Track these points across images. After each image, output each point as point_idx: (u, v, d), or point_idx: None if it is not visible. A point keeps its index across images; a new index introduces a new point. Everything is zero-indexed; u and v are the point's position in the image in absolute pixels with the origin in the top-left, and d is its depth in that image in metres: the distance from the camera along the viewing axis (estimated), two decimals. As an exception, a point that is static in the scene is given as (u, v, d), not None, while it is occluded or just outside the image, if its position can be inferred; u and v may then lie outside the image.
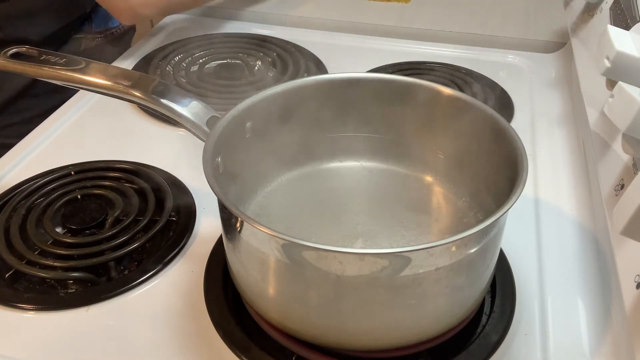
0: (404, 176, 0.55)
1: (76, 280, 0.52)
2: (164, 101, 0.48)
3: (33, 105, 0.89)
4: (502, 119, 0.47)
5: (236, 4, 0.98)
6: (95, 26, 0.95)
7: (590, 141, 0.58)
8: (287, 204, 0.53)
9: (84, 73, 0.49)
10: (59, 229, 0.56)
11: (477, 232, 0.38)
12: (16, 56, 0.51)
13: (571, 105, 0.75)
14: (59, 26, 0.89)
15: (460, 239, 0.38)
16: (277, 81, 0.77)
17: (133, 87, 0.48)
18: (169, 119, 0.49)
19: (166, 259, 0.53)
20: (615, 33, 0.46)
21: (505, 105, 0.74)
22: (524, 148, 0.44)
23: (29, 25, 0.86)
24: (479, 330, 0.47)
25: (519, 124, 0.71)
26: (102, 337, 0.47)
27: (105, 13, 0.94)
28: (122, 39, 1.02)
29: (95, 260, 0.52)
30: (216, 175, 0.43)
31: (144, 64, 0.82)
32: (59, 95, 0.79)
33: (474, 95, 0.74)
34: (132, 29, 1.06)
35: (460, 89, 0.74)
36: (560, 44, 0.87)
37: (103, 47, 0.97)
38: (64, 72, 0.49)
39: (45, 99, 0.88)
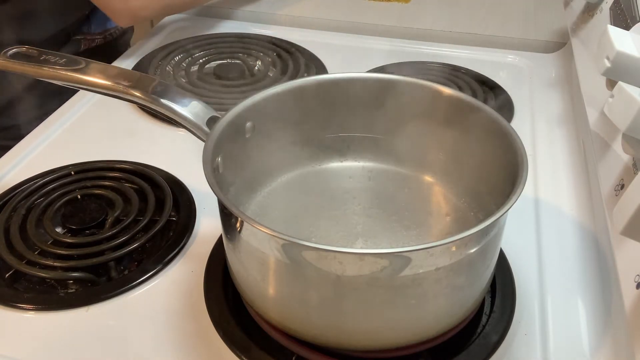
0: (404, 176, 0.55)
1: (76, 280, 0.52)
2: (164, 101, 0.48)
3: (33, 108, 0.89)
4: (502, 119, 0.47)
5: (236, 3, 0.98)
6: (94, 27, 0.95)
7: (590, 141, 0.58)
8: (287, 204, 0.53)
9: (84, 73, 0.49)
10: (59, 229, 0.56)
11: (477, 232, 0.38)
12: (16, 56, 0.51)
13: (571, 105, 0.75)
14: (59, 28, 0.89)
15: (460, 239, 0.38)
16: (277, 81, 0.77)
17: (133, 87, 0.48)
18: (169, 119, 0.49)
19: (166, 259, 0.53)
20: (615, 33, 0.46)
21: (505, 105, 0.74)
22: (524, 148, 0.44)
23: (30, 26, 0.86)
24: (479, 330, 0.47)
25: (519, 124, 0.71)
26: (102, 337, 0.47)
27: (104, 14, 0.94)
28: (121, 39, 1.02)
29: (95, 260, 0.52)
30: (216, 175, 0.43)
31: (144, 64, 0.82)
32: (59, 96, 0.79)
33: (474, 95, 0.74)
34: (130, 30, 1.05)
35: (460, 89, 0.74)
36: (560, 44, 0.87)
37: (102, 48, 0.97)
38: (64, 72, 0.49)
39: (45, 101, 0.88)
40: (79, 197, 0.59)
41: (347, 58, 0.86)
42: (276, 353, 0.45)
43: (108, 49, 0.97)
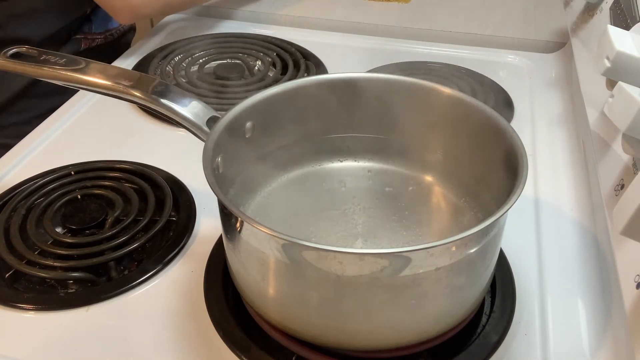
0: (404, 176, 0.55)
1: (76, 280, 0.52)
2: (164, 101, 0.48)
3: (33, 106, 0.89)
4: (502, 119, 0.47)
5: (236, 3, 0.98)
6: (95, 27, 0.95)
7: (590, 141, 0.58)
8: (287, 204, 0.53)
9: (84, 73, 0.49)
10: (59, 229, 0.56)
11: (477, 232, 0.38)
12: (16, 56, 0.51)
13: (571, 105, 0.75)
14: (59, 26, 0.89)
15: (460, 239, 0.38)
16: (277, 81, 0.77)
17: (133, 87, 0.48)
18: (169, 119, 0.49)
19: (166, 259, 0.53)
20: (615, 33, 0.46)
21: (505, 105, 0.74)
22: (524, 148, 0.44)
23: (30, 24, 0.86)
24: (479, 330, 0.47)
25: (519, 124, 0.71)
26: (102, 337, 0.47)
27: (105, 14, 0.94)
28: (122, 39, 1.02)
29: (95, 260, 0.52)
30: (216, 175, 0.43)
31: (144, 64, 0.82)
32: (59, 96, 0.79)
33: (474, 95, 0.74)
34: (131, 30, 1.05)
35: (460, 89, 0.74)
36: (560, 44, 0.87)
37: (103, 47, 0.97)
38: (64, 72, 0.49)
39: (45, 100, 0.88)
40: (79, 197, 0.59)
41: (347, 58, 0.86)
42: (276, 353, 0.45)
43: (109, 49, 0.97)
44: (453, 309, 0.43)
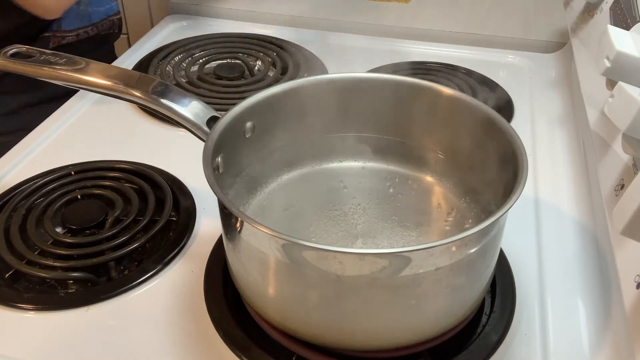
0: (404, 176, 0.55)
1: (76, 280, 0.52)
2: (164, 101, 0.48)
3: (8, 102, 0.86)
4: (502, 119, 0.47)
5: (236, 3, 0.98)
6: (65, 24, 0.91)
7: (590, 141, 0.58)
8: (287, 204, 0.53)
9: (84, 73, 0.49)
10: (59, 229, 0.56)
11: (477, 232, 0.38)
12: (16, 56, 0.51)
13: (571, 105, 0.75)
14: (20, 22, 0.83)
15: (460, 239, 0.38)
16: (277, 81, 0.77)
17: (133, 87, 0.48)
18: (169, 119, 0.49)
19: (166, 259, 0.53)
20: (615, 33, 0.46)
21: (505, 105, 0.74)
22: (523, 148, 0.44)
23: None
24: (479, 330, 0.47)
25: (519, 124, 0.71)
26: (102, 337, 0.47)
27: (77, 12, 0.90)
28: (99, 37, 0.96)
29: (95, 260, 0.52)
30: (216, 175, 0.43)
31: (144, 64, 0.82)
32: (26, 95, 0.77)
33: (474, 95, 0.74)
34: (112, 28, 1.01)
35: (460, 89, 0.74)
36: (560, 44, 0.87)
37: (75, 45, 0.91)
38: (64, 72, 0.49)
39: (12, 97, 0.85)
40: (79, 197, 0.59)
41: (347, 58, 0.86)
42: (276, 353, 0.45)
43: (83, 47, 0.91)
44: (453, 309, 0.43)
